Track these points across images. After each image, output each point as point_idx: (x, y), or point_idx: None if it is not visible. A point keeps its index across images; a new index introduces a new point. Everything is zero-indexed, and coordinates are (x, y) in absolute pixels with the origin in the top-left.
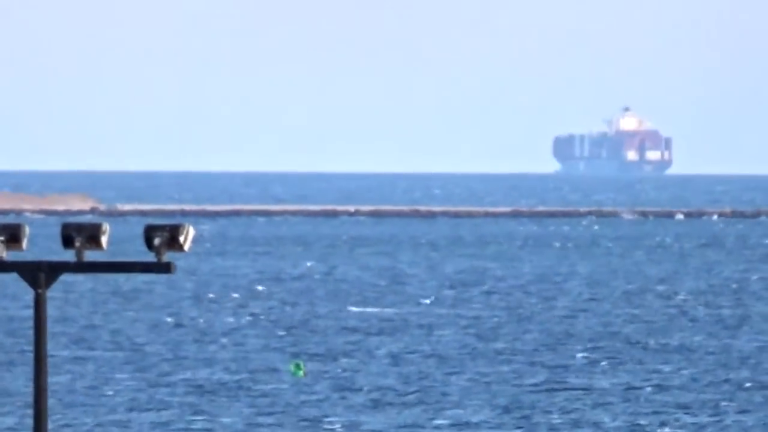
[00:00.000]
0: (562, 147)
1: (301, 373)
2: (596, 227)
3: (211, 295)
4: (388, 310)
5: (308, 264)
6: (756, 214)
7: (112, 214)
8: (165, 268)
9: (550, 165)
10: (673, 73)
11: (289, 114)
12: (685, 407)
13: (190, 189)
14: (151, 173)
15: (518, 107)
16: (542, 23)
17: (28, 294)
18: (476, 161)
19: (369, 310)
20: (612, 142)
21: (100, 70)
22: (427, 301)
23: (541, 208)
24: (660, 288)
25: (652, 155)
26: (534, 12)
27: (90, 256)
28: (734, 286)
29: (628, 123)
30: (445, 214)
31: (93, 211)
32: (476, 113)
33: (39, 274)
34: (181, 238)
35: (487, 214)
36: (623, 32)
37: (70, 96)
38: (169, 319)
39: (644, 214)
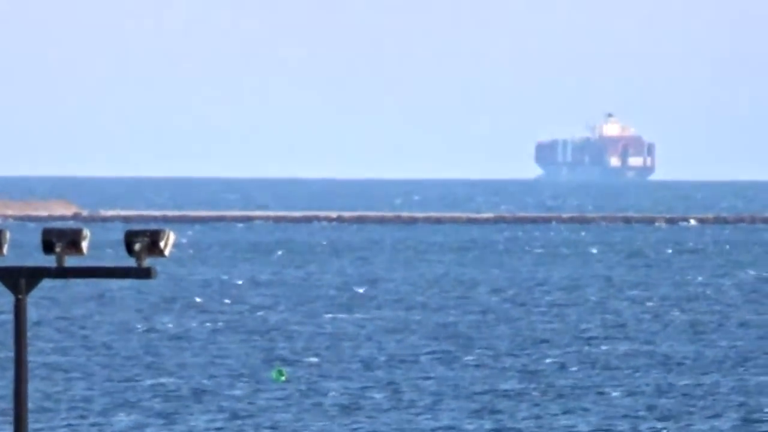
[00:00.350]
0: (545, 152)
1: (283, 378)
2: (582, 233)
3: (186, 300)
4: (363, 316)
5: (286, 269)
6: (738, 220)
7: (95, 220)
8: (145, 273)
9: (532, 171)
10: (656, 79)
11: (270, 120)
12: (657, 412)
13: (173, 195)
14: (134, 179)
15: (501, 112)
16: (525, 28)
17: (2, 298)
18: (458, 167)
19: (344, 315)
20: (595, 148)
21: (82, 75)
22: (403, 307)
23: (523, 214)
24: (634, 293)
25: (635, 161)
26: (517, 17)
27: (71, 261)
28: (708, 291)
29: (611, 129)
30: (427, 220)
31: (75, 216)
32: (458, 118)
33: (19, 280)
34: (162, 244)
35: (469, 220)
36: (606, 38)
37: (53, 101)
38: (143, 324)
39: (626, 220)
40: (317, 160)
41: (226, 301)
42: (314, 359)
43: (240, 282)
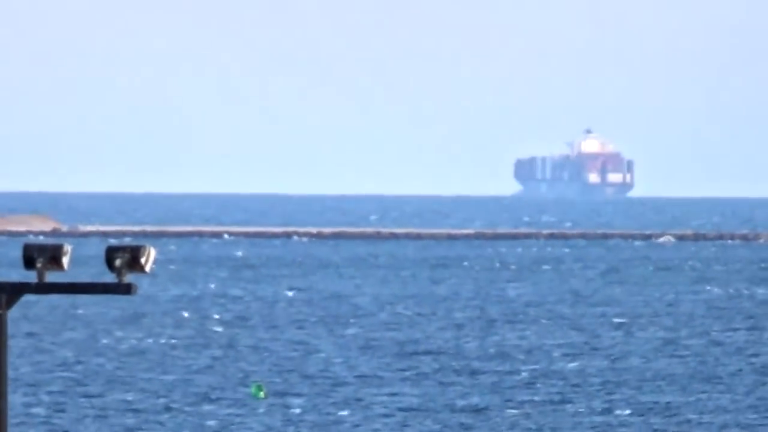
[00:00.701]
0: (524, 169)
1: (261, 394)
2: (561, 250)
3: (157, 315)
4: (334, 332)
5: (259, 285)
6: (717, 237)
7: (74, 235)
8: (126, 289)
9: (511, 187)
10: (635, 96)
11: (249, 136)
12: (627, 428)
13: (150, 211)
14: (109, 194)
15: (480, 129)
16: (503, 46)
17: None
18: (437, 183)
19: (315, 331)
20: (574, 165)
21: (60, 90)
22: (374, 323)
23: (502, 231)
24: (607, 309)
25: (614, 178)
26: (495, 34)
27: (51, 276)
28: (682, 308)
29: (590, 145)
30: (407, 236)
31: (54, 232)
32: (437, 135)
33: (0, 296)
34: (143, 260)
35: (449, 236)
36: (585, 54)
37: (29, 115)
38: (113, 339)
39: (605, 237)
40: (294, 177)
41: (197, 316)
42: (284, 376)
43: (212, 297)
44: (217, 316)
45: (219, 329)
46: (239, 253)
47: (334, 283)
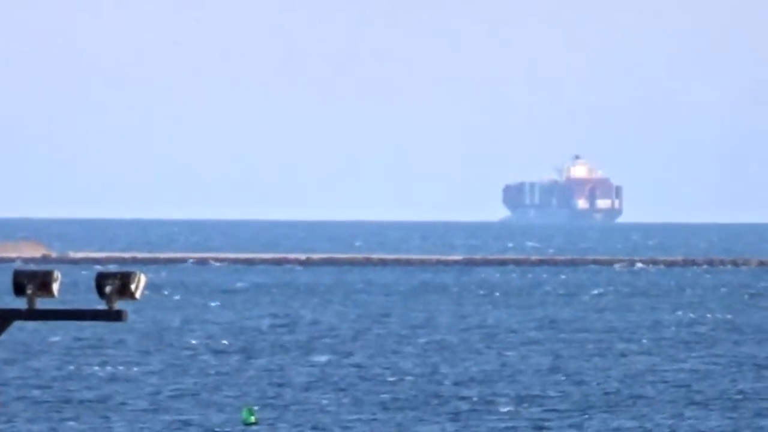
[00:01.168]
0: (513, 195)
1: (252, 419)
2: (545, 276)
3: (134, 342)
4: (308, 358)
5: (243, 312)
6: (709, 262)
7: (64, 262)
8: (116, 316)
9: (500, 213)
10: (623, 122)
11: (236, 163)
12: None
13: (137, 237)
14: (102, 220)
15: (468, 155)
16: (492, 71)
17: None
18: (426, 209)
19: (291, 358)
20: (562, 190)
21: (48, 116)
22: (349, 350)
23: (491, 256)
24: (583, 335)
25: (603, 203)
26: (483, 60)
27: (42, 303)
28: (660, 334)
29: (579, 171)
30: (396, 262)
31: (44, 258)
32: (426, 161)
33: None
34: (133, 286)
35: (439, 262)
36: (574, 80)
37: (19, 142)
38: (89, 365)
39: (594, 263)
40: (280, 203)
41: (174, 344)
42: (263, 402)
43: (195, 324)
44: (197, 342)
45: (199, 355)
46: (225, 280)
47: (316, 309)
